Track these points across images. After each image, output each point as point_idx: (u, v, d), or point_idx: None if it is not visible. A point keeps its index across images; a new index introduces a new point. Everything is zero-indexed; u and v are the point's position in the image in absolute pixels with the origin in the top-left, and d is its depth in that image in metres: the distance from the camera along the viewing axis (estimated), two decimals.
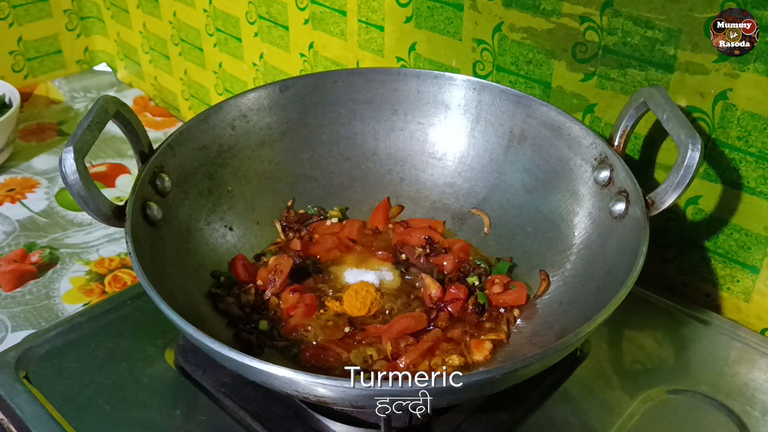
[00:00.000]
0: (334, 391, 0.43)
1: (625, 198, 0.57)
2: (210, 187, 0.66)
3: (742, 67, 0.57)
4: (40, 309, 0.85)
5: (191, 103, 1.28)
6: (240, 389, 0.57)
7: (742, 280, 0.65)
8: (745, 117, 0.59)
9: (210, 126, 0.66)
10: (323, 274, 0.66)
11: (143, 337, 0.63)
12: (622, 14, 0.62)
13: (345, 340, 0.59)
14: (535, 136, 0.66)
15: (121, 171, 1.14)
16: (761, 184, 0.60)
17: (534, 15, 0.68)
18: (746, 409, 0.56)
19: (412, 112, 0.72)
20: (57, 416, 0.55)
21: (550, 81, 0.70)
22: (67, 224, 1.00)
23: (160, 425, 0.55)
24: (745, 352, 0.61)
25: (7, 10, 1.29)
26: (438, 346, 0.58)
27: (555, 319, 0.58)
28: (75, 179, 0.51)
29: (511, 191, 0.68)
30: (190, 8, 1.13)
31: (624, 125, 0.60)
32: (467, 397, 0.52)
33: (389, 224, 0.72)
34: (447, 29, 0.77)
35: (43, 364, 0.60)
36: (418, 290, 0.64)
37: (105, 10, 1.38)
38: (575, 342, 0.45)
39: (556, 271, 0.62)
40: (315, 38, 0.93)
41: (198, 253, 0.63)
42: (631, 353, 0.62)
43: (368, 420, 0.53)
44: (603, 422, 0.55)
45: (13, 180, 1.10)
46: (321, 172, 0.73)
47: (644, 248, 0.51)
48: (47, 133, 1.25)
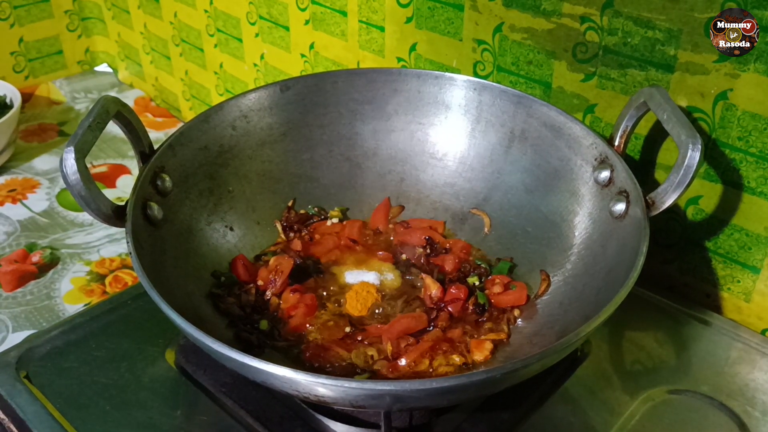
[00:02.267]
0: (334, 391, 0.43)
1: (626, 198, 0.57)
2: (211, 187, 0.66)
3: (742, 67, 0.57)
4: (40, 309, 0.85)
5: (192, 104, 1.28)
6: (240, 389, 0.57)
7: (742, 280, 0.65)
8: (745, 117, 0.59)
9: (211, 126, 0.66)
10: (324, 274, 0.66)
11: (144, 337, 0.63)
12: (623, 14, 0.62)
13: (345, 340, 0.59)
14: (536, 136, 0.66)
15: (122, 171, 1.14)
16: (762, 184, 0.60)
17: (534, 15, 0.68)
18: (747, 410, 0.56)
19: (413, 113, 0.72)
20: (58, 416, 0.55)
21: (550, 81, 0.70)
22: (68, 224, 1.00)
23: (160, 425, 0.55)
24: (745, 352, 0.61)
25: (8, 11, 1.30)
26: (438, 346, 0.58)
27: (555, 319, 0.58)
28: (76, 179, 0.51)
29: (512, 191, 0.68)
30: (191, 9, 1.13)
31: (624, 125, 0.60)
32: (467, 397, 0.52)
33: (390, 224, 0.72)
34: (447, 30, 0.77)
35: (44, 364, 0.60)
36: (418, 290, 0.64)
37: (106, 10, 1.38)
38: (575, 342, 0.45)
39: (557, 271, 0.62)
40: (316, 39, 0.93)
41: (198, 253, 0.63)
42: (631, 353, 0.62)
43: (368, 420, 0.53)
44: (603, 422, 0.55)
45: (14, 180, 1.10)
46: (321, 173, 0.73)
47: (644, 248, 0.51)
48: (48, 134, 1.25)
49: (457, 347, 0.58)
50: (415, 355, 0.57)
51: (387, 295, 0.64)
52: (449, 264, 0.66)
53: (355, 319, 0.62)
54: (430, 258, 0.68)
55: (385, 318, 0.62)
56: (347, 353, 0.58)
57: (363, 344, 0.59)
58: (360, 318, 0.62)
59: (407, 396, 0.42)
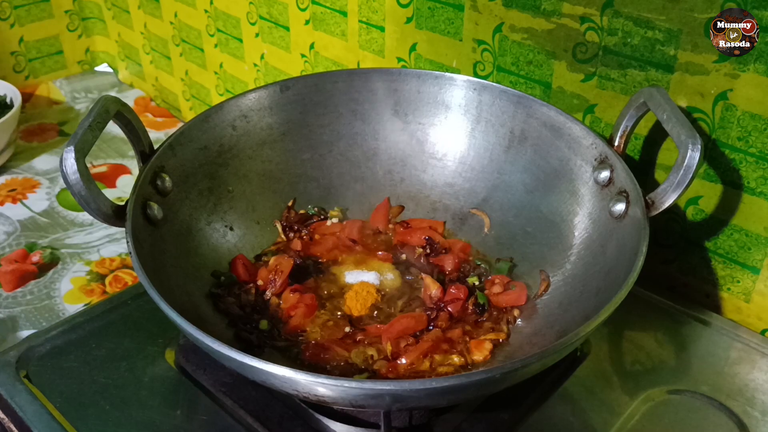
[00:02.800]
0: (334, 391, 0.43)
1: (625, 198, 0.57)
2: (210, 187, 0.66)
3: (742, 68, 0.57)
4: (41, 309, 0.85)
5: (192, 104, 1.28)
6: (240, 389, 0.57)
7: (742, 280, 0.65)
8: (745, 117, 0.59)
9: (211, 126, 0.66)
10: (324, 274, 0.66)
11: (144, 336, 0.63)
12: (623, 15, 0.62)
13: (345, 340, 0.59)
14: (536, 136, 0.66)
15: (122, 171, 1.14)
16: (761, 184, 0.60)
17: (534, 15, 0.68)
18: (746, 410, 0.56)
19: (413, 113, 0.72)
20: (57, 416, 0.55)
21: (550, 81, 0.70)
22: (68, 224, 1.00)
23: (160, 425, 0.55)
24: (745, 352, 0.61)
25: (8, 11, 1.30)
26: (438, 346, 0.58)
27: (555, 319, 0.58)
28: (76, 179, 0.51)
29: (512, 191, 0.68)
30: (191, 9, 1.13)
31: (624, 125, 0.60)
32: (467, 397, 0.52)
33: (389, 224, 0.72)
34: (447, 30, 0.77)
35: (44, 364, 0.60)
36: (418, 290, 0.64)
37: (106, 10, 1.38)
38: (575, 342, 0.45)
39: (557, 271, 0.62)
40: (316, 39, 0.93)
41: (198, 252, 0.63)
42: (631, 353, 0.62)
43: (368, 420, 0.53)
44: (603, 422, 0.55)
45: (14, 180, 1.10)
46: (321, 173, 0.73)
47: (644, 248, 0.51)
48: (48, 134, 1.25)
49: (456, 347, 0.58)
50: (414, 355, 0.57)
51: (387, 295, 0.64)
52: (449, 264, 0.66)
53: (355, 319, 0.62)
54: (430, 258, 0.68)
55: (384, 318, 0.62)
56: (347, 353, 0.58)
57: (363, 344, 0.59)
58: (360, 318, 0.62)
59: (407, 396, 0.42)
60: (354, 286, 0.64)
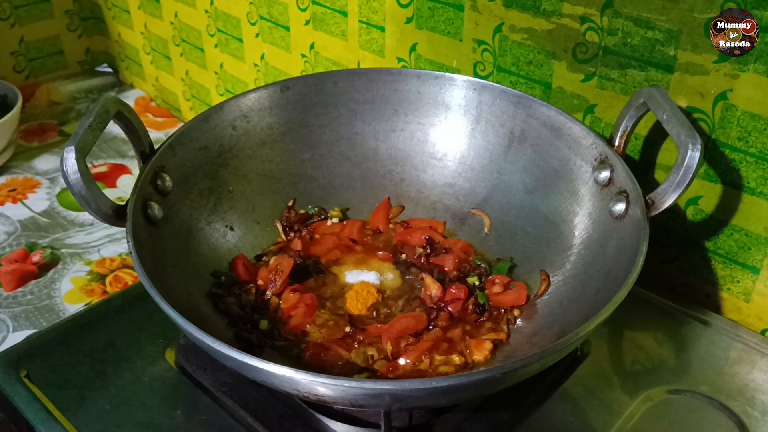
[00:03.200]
0: (334, 390, 0.43)
1: (625, 198, 0.57)
2: (211, 187, 0.66)
3: (742, 68, 0.57)
4: (41, 309, 0.85)
5: (192, 104, 1.28)
6: (240, 389, 0.57)
7: (742, 280, 0.65)
8: (745, 117, 0.59)
9: (211, 126, 0.67)
10: (324, 274, 0.67)
11: (144, 336, 0.63)
12: (623, 15, 0.62)
13: (345, 340, 0.59)
14: (536, 136, 0.66)
15: (122, 171, 1.14)
16: (761, 184, 0.60)
17: (534, 16, 0.68)
18: (746, 410, 0.56)
19: (413, 113, 0.72)
20: (58, 415, 0.55)
21: (550, 81, 0.70)
22: (69, 224, 1.00)
23: (160, 424, 0.55)
24: (745, 352, 0.61)
25: (8, 11, 1.30)
26: (438, 345, 0.58)
27: (555, 319, 0.58)
28: (76, 179, 0.51)
29: (512, 191, 0.68)
30: (192, 9, 1.14)
31: (624, 125, 0.60)
32: (467, 396, 0.52)
33: (390, 224, 0.72)
34: (447, 30, 0.77)
35: (44, 364, 0.60)
36: (418, 290, 0.65)
37: (106, 10, 1.38)
38: (575, 342, 0.45)
39: (557, 271, 0.62)
40: (316, 39, 0.93)
41: (199, 252, 0.63)
42: (631, 353, 0.62)
43: (368, 419, 0.53)
44: (603, 422, 0.55)
45: (14, 180, 1.10)
46: (322, 173, 0.73)
47: (644, 248, 0.51)
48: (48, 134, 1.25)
49: (456, 347, 0.58)
50: (414, 355, 0.57)
51: (387, 295, 0.64)
52: (449, 264, 0.66)
53: (355, 319, 0.62)
54: (430, 258, 0.68)
55: (385, 318, 0.62)
56: (347, 353, 0.58)
57: (363, 344, 0.59)
58: (360, 318, 0.62)
59: (407, 395, 0.42)
60: (354, 286, 0.64)
